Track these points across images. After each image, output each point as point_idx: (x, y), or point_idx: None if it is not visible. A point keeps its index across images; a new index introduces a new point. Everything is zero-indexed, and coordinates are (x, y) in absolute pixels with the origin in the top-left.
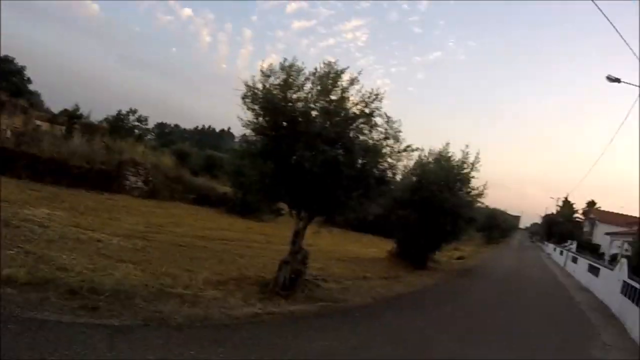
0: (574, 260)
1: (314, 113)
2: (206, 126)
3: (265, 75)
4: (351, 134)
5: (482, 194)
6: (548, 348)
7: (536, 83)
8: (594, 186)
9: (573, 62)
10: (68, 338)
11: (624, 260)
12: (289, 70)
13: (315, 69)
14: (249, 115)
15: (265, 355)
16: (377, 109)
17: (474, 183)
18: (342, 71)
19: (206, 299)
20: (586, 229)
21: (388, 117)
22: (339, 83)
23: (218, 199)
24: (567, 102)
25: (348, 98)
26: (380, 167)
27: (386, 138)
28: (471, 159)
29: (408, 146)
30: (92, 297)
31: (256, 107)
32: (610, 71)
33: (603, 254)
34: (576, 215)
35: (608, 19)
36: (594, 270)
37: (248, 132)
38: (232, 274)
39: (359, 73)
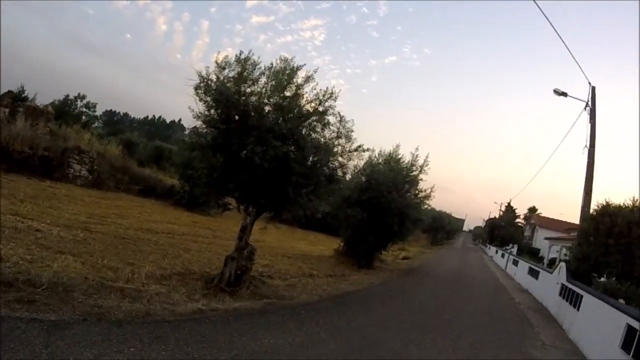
0: (515, 263)
1: (266, 108)
2: (156, 116)
3: (220, 67)
4: (303, 131)
5: (429, 197)
6: (489, 347)
7: (488, 92)
8: (535, 193)
9: (525, 74)
10: (2, 333)
11: (563, 264)
12: (244, 64)
13: (271, 64)
14: (200, 107)
15: (208, 354)
16: (331, 107)
17: (422, 185)
18: (298, 68)
19: (148, 294)
20: (527, 233)
21: (341, 117)
22: (294, 80)
23: (165, 192)
24: (517, 112)
25: (302, 95)
26: (331, 165)
27: (338, 137)
28: (420, 161)
29: (359, 146)
30: (28, 290)
31: (208, 98)
32: (561, 84)
33: (542, 257)
34: (518, 220)
35: (561, 39)
36: (533, 273)
37: (199, 124)
38: (177, 269)
39: (315, 71)
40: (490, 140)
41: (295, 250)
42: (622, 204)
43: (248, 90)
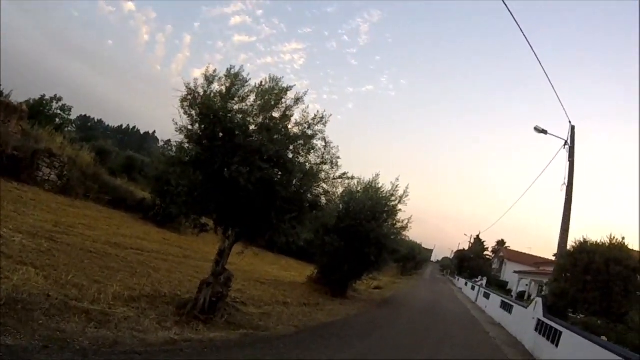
0: (486, 296)
1: (252, 127)
2: (131, 126)
3: (209, 80)
4: (290, 155)
5: (406, 227)
6: None
7: (467, 126)
8: (505, 226)
9: (505, 110)
10: None
11: (539, 300)
12: (234, 80)
13: (261, 82)
14: (184, 121)
15: None
16: (320, 132)
17: (399, 216)
18: (288, 89)
19: (116, 318)
20: (495, 266)
21: (327, 142)
22: (283, 100)
23: (135, 204)
24: (495, 146)
25: (290, 117)
26: (315, 192)
27: (323, 163)
28: (400, 192)
29: (344, 173)
30: None
31: (194, 112)
32: (542, 121)
33: (510, 290)
34: (486, 252)
35: (547, 76)
36: (506, 307)
37: (181, 138)
38: (146, 290)
39: (305, 93)
40: (465, 172)
41: (267, 276)
42: (598, 242)
43: (235, 107)
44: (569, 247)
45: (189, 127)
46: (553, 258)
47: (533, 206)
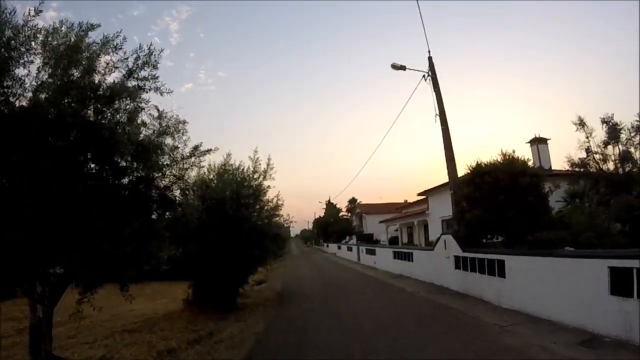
0: (370, 252)
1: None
2: None
3: None
4: (106, 119)
5: (279, 206)
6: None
7: (306, 95)
8: (354, 184)
9: (351, 61)
10: None
11: (447, 237)
12: None
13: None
14: None
15: None
16: (153, 78)
17: (270, 194)
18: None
19: None
20: (355, 223)
21: (159, 111)
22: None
23: None
24: (343, 105)
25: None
26: (163, 182)
27: (163, 133)
28: (263, 165)
29: (196, 146)
30: None
31: None
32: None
33: (379, 240)
34: (342, 213)
35: None
36: (404, 256)
37: None
38: None
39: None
40: (315, 141)
41: (133, 315)
42: (490, 161)
43: None
44: (464, 174)
45: None
46: (416, 198)
47: (382, 156)
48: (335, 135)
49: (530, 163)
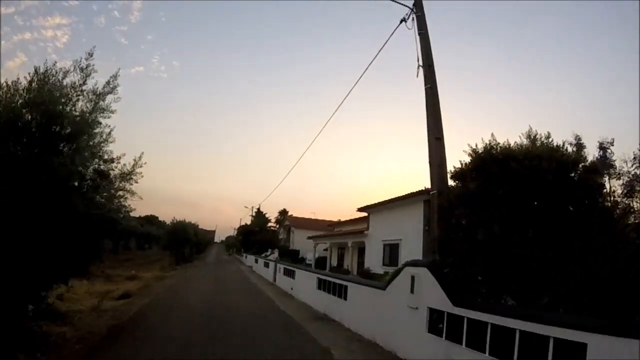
0: (289, 273)
1: None
2: None
3: None
4: None
5: (132, 173)
6: None
7: (235, 108)
8: (285, 196)
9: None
10: None
11: (419, 272)
12: None
13: None
14: None
15: None
16: None
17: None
18: None
19: None
20: (282, 236)
21: None
22: None
23: None
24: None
25: None
26: None
27: None
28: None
29: None
30: None
31: None
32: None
33: (304, 259)
34: (270, 224)
35: None
36: (331, 288)
37: None
38: None
39: None
40: (238, 151)
41: None
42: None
43: None
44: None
45: None
46: (354, 215)
47: (318, 168)
48: (277, 141)
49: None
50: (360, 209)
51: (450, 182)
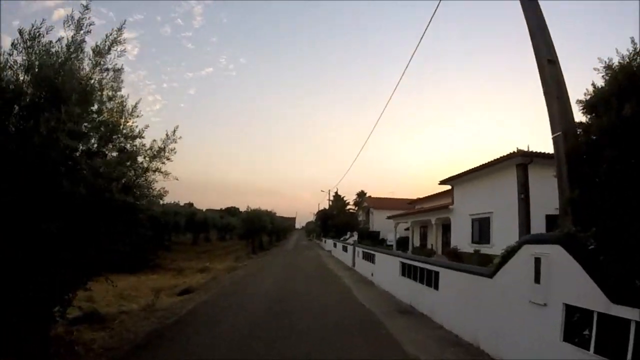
0: (368, 257)
1: None
2: None
3: None
4: None
5: (161, 154)
6: None
7: (307, 95)
8: (362, 177)
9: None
10: None
11: (550, 252)
12: None
13: None
14: None
15: None
16: None
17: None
18: None
19: None
20: (361, 218)
21: None
22: None
23: None
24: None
25: None
26: None
27: None
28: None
29: None
30: None
31: None
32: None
33: (384, 240)
34: (349, 207)
35: None
36: (422, 276)
37: None
38: None
39: None
40: (313, 138)
41: None
42: None
43: None
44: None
45: None
46: (436, 190)
47: (386, 151)
48: (351, 122)
49: None
50: (442, 182)
51: (580, 119)
